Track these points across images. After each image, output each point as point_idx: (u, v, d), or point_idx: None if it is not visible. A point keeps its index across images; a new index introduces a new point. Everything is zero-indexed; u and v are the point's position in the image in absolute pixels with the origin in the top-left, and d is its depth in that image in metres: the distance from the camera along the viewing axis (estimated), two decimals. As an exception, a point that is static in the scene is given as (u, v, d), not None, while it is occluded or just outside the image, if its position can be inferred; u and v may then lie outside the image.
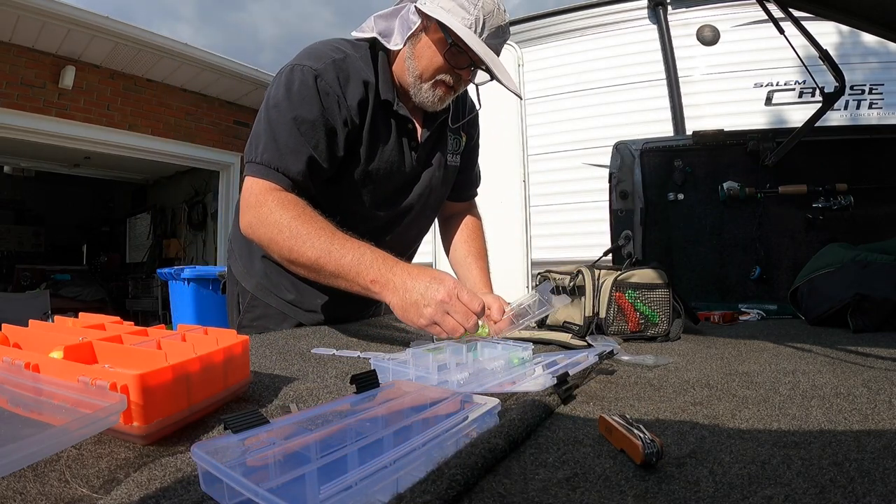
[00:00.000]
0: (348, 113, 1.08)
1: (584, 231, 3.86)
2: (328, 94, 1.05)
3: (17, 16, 4.09)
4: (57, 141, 4.87)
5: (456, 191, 1.44)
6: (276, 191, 1.01)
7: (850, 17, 1.53)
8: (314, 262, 0.95)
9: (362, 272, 0.91)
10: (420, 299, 0.86)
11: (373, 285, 0.91)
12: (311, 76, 1.05)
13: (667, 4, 3.87)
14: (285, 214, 0.97)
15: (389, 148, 1.17)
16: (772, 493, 0.39)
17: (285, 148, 1.02)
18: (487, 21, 1.03)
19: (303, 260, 0.96)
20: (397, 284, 0.89)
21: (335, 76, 1.06)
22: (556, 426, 0.56)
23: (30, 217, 8.81)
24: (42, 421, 0.46)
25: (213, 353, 0.56)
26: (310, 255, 0.94)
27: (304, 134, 1.03)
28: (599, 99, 4.03)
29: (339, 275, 0.94)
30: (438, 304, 0.85)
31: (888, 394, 0.68)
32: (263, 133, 1.05)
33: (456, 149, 1.33)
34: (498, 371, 0.74)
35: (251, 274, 1.32)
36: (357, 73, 1.10)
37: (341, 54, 1.10)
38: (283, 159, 1.02)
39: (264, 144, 1.04)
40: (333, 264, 0.93)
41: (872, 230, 2.00)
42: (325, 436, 0.44)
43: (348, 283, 0.94)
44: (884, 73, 3.55)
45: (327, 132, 1.06)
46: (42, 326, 0.70)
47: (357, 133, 1.12)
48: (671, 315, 1.23)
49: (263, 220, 0.99)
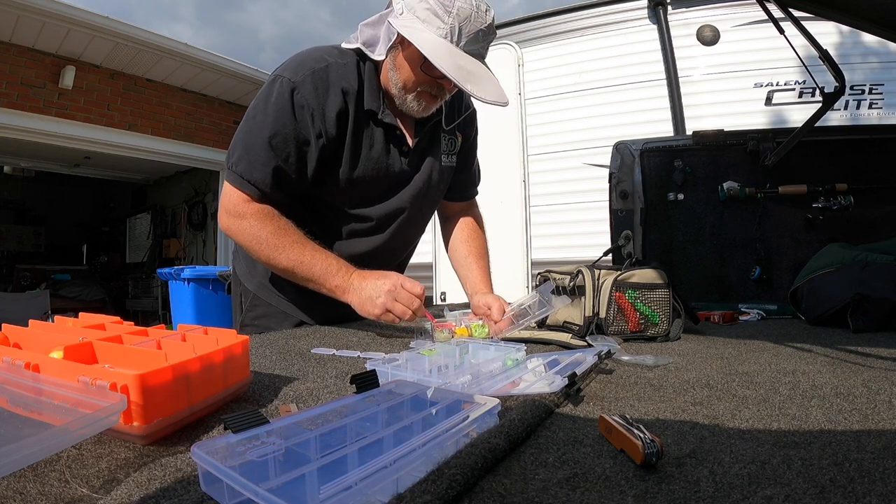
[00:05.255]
0: (323, 125, 1.11)
1: (584, 231, 3.86)
2: (303, 108, 1.09)
3: (17, 16, 4.10)
4: (57, 141, 4.87)
5: (455, 191, 1.44)
6: (251, 202, 1.12)
7: (850, 17, 1.53)
8: (289, 269, 1.12)
9: (328, 278, 1.10)
10: (372, 294, 1.06)
11: (336, 290, 1.11)
12: (287, 89, 1.09)
13: (667, 4, 3.87)
14: (264, 229, 1.11)
15: (375, 154, 1.19)
16: (772, 493, 0.39)
17: (256, 161, 1.10)
18: (464, 28, 1.01)
19: (279, 267, 1.13)
20: (354, 287, 1.09)
21: (313, 87, 1.09)
22: (556, 426, 0.56)
23: (30, 217, 8.81)
24: (42, 421, 0.46)
25: (213, 353, 0.56)
26: (285, 264, 1.11)
27: (275, 147, 1.09)
28: (599, 99, 4.02)
29: (310, 280, 1.12)
30: (386, 294, 1.04)
31: (888, 394, 0.68)
32: (240, 142, 1.12)
33: (451, 149, 1.33)
34: (497, 373, 0.74)
35: (253, 274, 1.35)
36: (337, 83, 1.11)
37: (323, 63, 1.11)
38: (253, 172, 1.10)
39: (238, 154, 1.11)
40: (305, 272, 1.11)
41: (872, 230, 2.00)
42: (325, 436, 0.44)
43: (317, 286, 1.12)
44: (884, 73, 3.55)
45: (299, 145, 1.11)
46: (42, 326, 0.70)
47: (337, 142, 1.14)
48: (671, 315, 1.23)
49: (244, 231, 1.13)
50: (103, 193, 9.37)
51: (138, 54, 4.93)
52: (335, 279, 1.10)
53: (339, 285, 1.10)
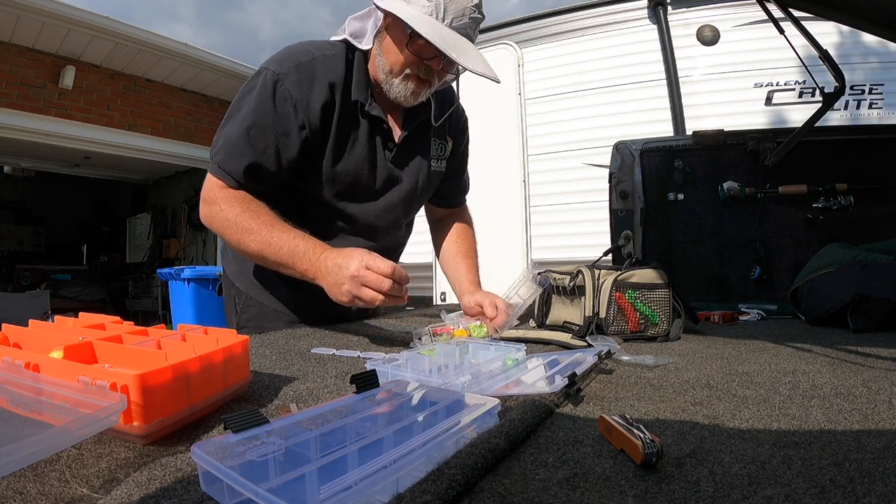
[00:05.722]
0: (307, 117, 1.09)
1: (584, 231, 3.86)
2: (285, 99, 1.07)
3: (17, 16, 4.10)
4: (57, 141, 4.87)
5: (444, 198, 1.43)
6: (224, 188, 1.09)
7: (850, 17, 1.53)
8: (258, 253, 1.04)
9: (297, 261, 1.00)
10: (338, 279, 0.93)
11: (307, 273, 0.99)
12: (271, 81, 1.07)
13: (667, 4, 3.87)
14: (232, 211, 1.06)
15: (360, 147, 1.17)
16: (772, 493, 0.39)
17: (233, 151, 1.08)
18: (449, 6, 1.01)
19: (249, 251, 1.06)
20: (323, 269, 0.96)
21: (297, 80, 1.08)
22: (556, 426, 0.56)
23: (30, 217, 8.81)
24: (42, 421, 0.46)
25: (213, 353, 0.56)
26: (254, 247, 1.03)
27: (251, 138, 1.07)
28: (599, 99, 4.03)
29: (281, 264, 1.02)
30: (351, 280, 0.91)
31: (888, 394, 0.68)
32: (222, 133, 1.11)
33: (441, 154, 1.32)
34: (497, 373, 0.74)
35: (244, 274, 1.32)
36: (323, 75, 1.10)
37: (309, 56, 1.10)
38: (230, 162, 1.08)
39: (219, 145, 1.10)
40: (274, 255, 1.02)
41: (872, 230, 2.00)
42: (325, 436, 0.44)
43: (290, 271, 1.02)
44: (884, 73, 3.55)
45: (277, 136, 1.09)
46: (42, 326, 0.70)
47: (321, 134, 1.12)
48: (671, 315, 1.23)
49: (215, 215, 1.08)
50: (103, 193, 9.36)
51: (138, 54, 4.93)
52: (304, 261, 0.99)
53: (308, 269, 0.99)
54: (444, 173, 1.35)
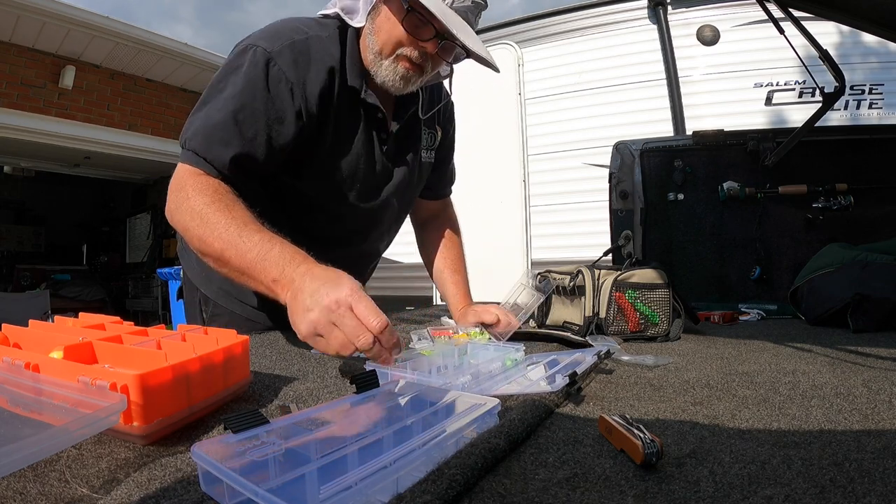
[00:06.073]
0: (304, 103, 0.96)
1: (584, 231, 3.86)
2: (280, 82, 0.93)
3: (17, 16, 4.10)
4: (57, 141, 4.87)
5: (430, 188, 1.34)
6: (197, 175, 0.90)
7: (850, 17, 1.53)
8: (220, 254, 0.81)
9: (266, 269, 0.76)
10: (307, 302, 0.69)
11: (274, 285, 0.76)
12: (262, 59, 0.92)
13: (667, 4, 3.87)
14: (200, 200, 0.85)
15: (358, 140, 1.06)
16: (772, 493, 0.39)
17: (215, 137, 0.91)
18: None
19: (210, 251, 0.83)
20: (299, 286, 0.72)
21: (292, 60, 0.94)
22: (556, 426, 0.56)
23: (30, 217, 8.80)
24: (42, 421, 0.46)
25: (213, 353, 0.56)
26: (216, 246, 0.81)
27: (239, 123, 0.91)
28: (599, 99, 4.03)
29: (244, 271, 0.80)
30: (323, 311, 0.67)
31: (888, 394, 0.68)
32: (199, 117, 0.94)
33: (430, 144, 1.23)
34: (497, 373, 0.74)
35: (211, 279, 1.19)
36: (320, 58, 0.97)
37: (302, 35, 0.97)
38: (212, 150, 0.90)
39: (195, 129, 0.92)
40: (238, 259, 0.79)
41: (872, 230, 2.00)
42: (325, 436, 0.44)
43: (254, 281, 0.79)
44: (884, 73, 3.55)
45: (270, 123, 0.94)
46: (42, 326, 0.70)
47: (319, 124, 1.00)
48: (671, 315, 1.23)
49: (180, 205, 0.88)
50: (103, 193, 9.36)
51: (138, 54, 4.93)
52: (273, 269, 0.76)
53: (277, 279, 0.75)
54: (433, 164, 1.27)
